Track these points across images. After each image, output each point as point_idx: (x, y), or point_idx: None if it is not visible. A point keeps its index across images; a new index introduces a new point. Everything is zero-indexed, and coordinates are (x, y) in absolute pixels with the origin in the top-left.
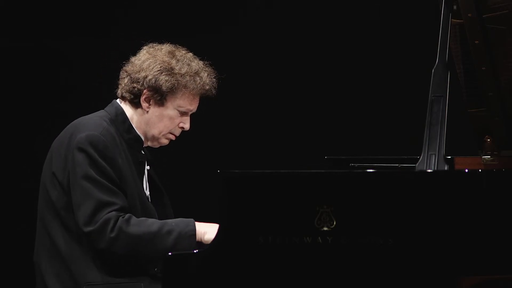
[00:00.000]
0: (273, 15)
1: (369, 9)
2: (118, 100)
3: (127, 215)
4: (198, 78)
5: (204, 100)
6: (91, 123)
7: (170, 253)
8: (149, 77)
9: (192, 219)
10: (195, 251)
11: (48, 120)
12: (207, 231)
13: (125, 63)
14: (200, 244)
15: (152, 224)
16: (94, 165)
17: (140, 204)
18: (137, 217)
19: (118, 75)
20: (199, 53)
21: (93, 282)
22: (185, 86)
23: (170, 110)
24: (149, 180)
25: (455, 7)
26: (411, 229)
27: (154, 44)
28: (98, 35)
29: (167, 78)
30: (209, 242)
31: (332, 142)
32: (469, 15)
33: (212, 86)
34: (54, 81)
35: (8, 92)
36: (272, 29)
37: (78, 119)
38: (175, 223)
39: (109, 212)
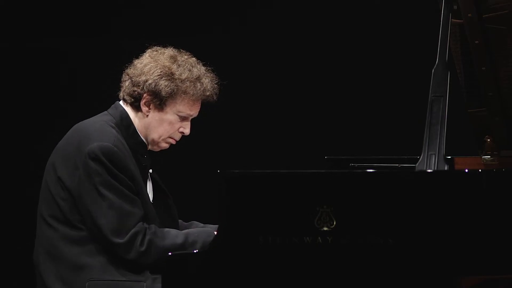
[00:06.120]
0: (273, 16)
1: (369, 9)
2: (121, 102)
3: (152, 227)
4: (198, 84)
5: (204, 101)
6: (101, 131)
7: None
8: (149, 81)
9: (212, 230)
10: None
11: (50, 120)
12: None
13: (128, 66)
14: None
15: (177, 235)
16: (113, 175)
17: (151, 209)
18: (152, 222)
19: (120, 77)
20: (200, 53)
21: (96, 278)
22: (184, 92)
23: (169, 115)
24: (152, 183)
25: (455, 7)
26: (411, 229)
27: (158, 48)
28: (99, 35)
29: (166, 83)
30: None
31: (332, 142)
32: (469, 15)
33: (213, 92)
34: (54, 81)
35: (8, 92)
36: (272, 29)
37: (83, 123)
38: (197, 233)
39: (135, 224)
